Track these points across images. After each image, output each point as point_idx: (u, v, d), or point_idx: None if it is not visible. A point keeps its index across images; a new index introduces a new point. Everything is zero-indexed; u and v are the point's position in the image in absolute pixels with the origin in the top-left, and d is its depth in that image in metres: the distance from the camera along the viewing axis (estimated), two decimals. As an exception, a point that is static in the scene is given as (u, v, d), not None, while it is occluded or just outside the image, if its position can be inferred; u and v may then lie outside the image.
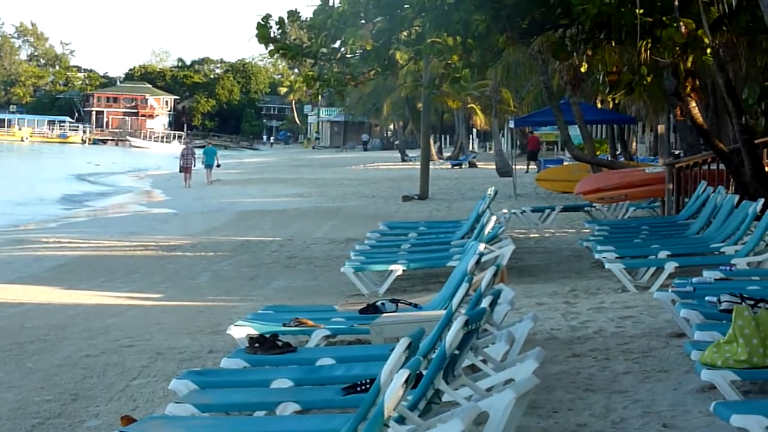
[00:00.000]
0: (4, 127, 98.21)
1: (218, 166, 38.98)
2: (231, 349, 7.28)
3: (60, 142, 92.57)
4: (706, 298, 7.58)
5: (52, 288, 13.49)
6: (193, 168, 37.21)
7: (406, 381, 3.91)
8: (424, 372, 4.71)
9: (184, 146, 41.26)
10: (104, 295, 12.76)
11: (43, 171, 50.13)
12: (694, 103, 15.08)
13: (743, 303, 6.83)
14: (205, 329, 9.49)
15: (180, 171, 37.29)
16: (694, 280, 8.91)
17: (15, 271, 15.22)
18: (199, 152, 40.35)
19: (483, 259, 9.24)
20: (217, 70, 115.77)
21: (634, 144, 37.47)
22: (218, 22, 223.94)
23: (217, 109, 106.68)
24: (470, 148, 58.45)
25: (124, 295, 12.80)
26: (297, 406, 5.34)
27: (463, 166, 47.75)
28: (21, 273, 14.99)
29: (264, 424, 5.37)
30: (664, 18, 12.22)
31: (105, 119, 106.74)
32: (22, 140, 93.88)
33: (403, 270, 11.62)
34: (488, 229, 11.74)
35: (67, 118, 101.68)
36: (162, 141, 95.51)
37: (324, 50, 13.23)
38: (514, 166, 31.05)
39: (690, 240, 12.93)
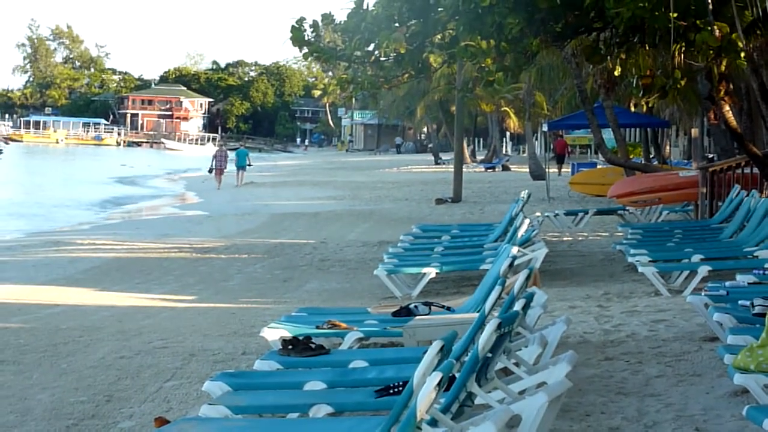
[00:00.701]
0: (39, 129, 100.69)
1: (249, 165, 39.06)
2: (264, 351, 7.35)
3: (95, 144, 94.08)
4: (740, 301, 7.58)
5: (86, 289, 13.55)
6: (224, 170, 37.39)
7: (439, 384, 3.90)
8: (457, 375, 4.68)
9: (218, 148, 41.29)
10: (138, 296, 12.85)
11: (78, 173, 50.66)
12: (727, 107, 15.02)
13: None
14: (239, 331, 9.47)
15: (209, 172, 37.50)
16: (728, 283, 8.88)
17: (50, 272, 15.32)
18: (232, 155, 40.75)
19: (516, 263, 9.12)
20: (252, 73, 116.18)
21: (668, 147, 37.34)
22: (253, 25, 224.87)
23: (251, 112, 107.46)
24: (503, 152, 58.23)
25: (158, 297, 12.85)
26: (330, 408, 5.32)
27: (497, 169, 47.68)
28: (56, 275, 15.06)
29: (297, 426, 5.37)
30: (697, 21, 12.15)
31: (140, 121, 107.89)
32: (57, 142, 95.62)
33: (437, 273, 11.55)
34: (521, 232, 11.69)
35: (102, 121, 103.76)
36: (196, 143, 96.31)
37: (358, 53, 13.20)
38: (547, 169, 30.86)
39: (723, 244, 12.86)
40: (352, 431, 4.95)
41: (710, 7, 11.36)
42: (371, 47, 12.80)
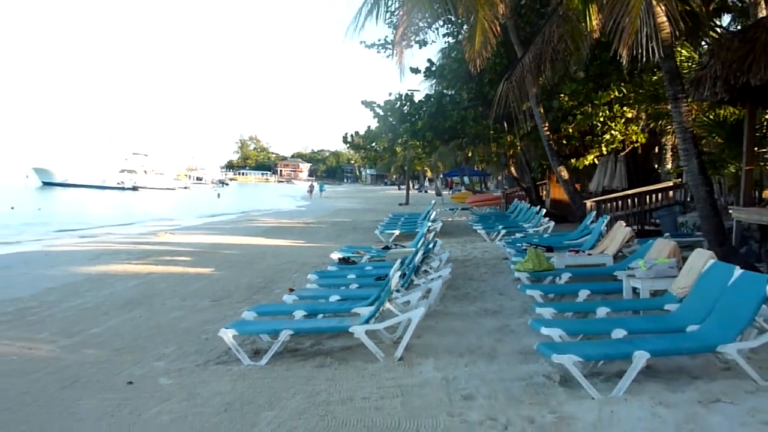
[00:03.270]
0: (243, 174, 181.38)
1: (324, 190, 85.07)
2: (331, 261, 14.36)
3: (265, 181, 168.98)
4: (517, 243, 15.38)
5: (262, 238, 24.36)
6: (313, 191, 78.02)
7: (400, 276, 8.15)
8: (407, 272, 9.93)
9: (310, 183, 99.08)
10: (281, 241, 23.18)
11: (260, 193, 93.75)
12: (513, 168, 32.28)
13: (530, 246, 13.55)
14: (322, 255, 16.97)
15: (307, 192, 79.28)
16: (511, 238, 17.74)
17: (249, 231, 27.76)
18: (316, 185, 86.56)
19: (429, 228, 18.53)
20: (326, 153, 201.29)
21: (489, 183, 71.37)
22: (330, 127, 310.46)
23: (326, 168, 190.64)
24: (425, 184, 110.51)
25: (290, 242, 23.05)
26: (356, 284, 10.70)
27: (423, 192, 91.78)
28: (251, 232, 27.27)
29: (344, 293, 9.70)
30: (500, 133, 24.79)
31: (283, 171, 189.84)
32: (250, 180, 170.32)
33: (399, 232, 22.12)
34: (432, 215, 23.96)
35: (268, 172, 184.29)
36: (306, 181, 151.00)
37: (367, 146, 29.68)
38: (442, 192, 73.86)
39: (511, 220, 24.25)
40: (369, 293, 9.13)
41: (506, 126, 20.92)
42: (373, 144, 22.68)
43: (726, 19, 19.48)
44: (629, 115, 23.20)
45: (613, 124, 22.93)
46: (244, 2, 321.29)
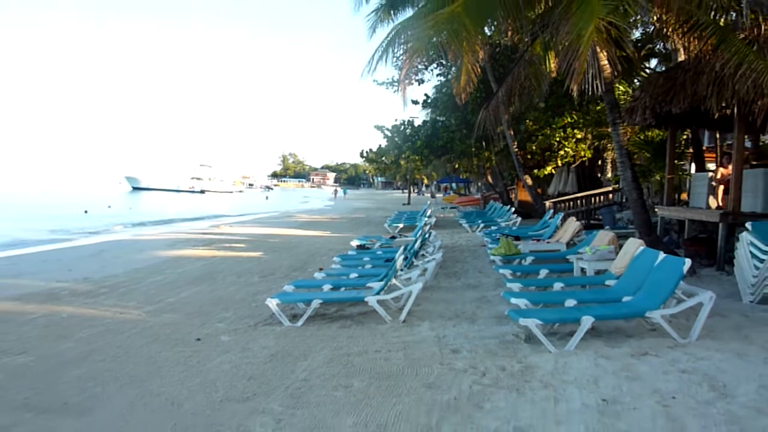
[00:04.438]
0: (284, 181, 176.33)
1: (346, 192, 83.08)
2: (351, 249, 14.39)
3: (301, 187, 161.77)
4: (492, 234, 15.26)
5: (298, 230, 24.00)
6: (337, 194, 78.67)
7: (404, 259, 8.39)
8: (408, 255, 10.42)
9: (335, 188, 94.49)
10: (311, 233, 22.39)
11: (297, 196, 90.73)
12: (489, 176, 27.74)
13: (502, 236, 13.79)
14: (344, 243, 16.79)
15: (333, 194, 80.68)
16: (488, 230, 17.60)
17: (288, 224, 27.49)
18: (339, 190, 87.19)
19: (426, 222, 17.72)
20: (347, 165, 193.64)
21: (471, 188, 63.59)
22: (346, 144, 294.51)
23: (347, 176, 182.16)
24: (423, 189, 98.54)
25: (319, 233, 22.50)
26: (370, 264, 10.74)
27: (420, 195, 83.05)
28: (290, 225, 26.96)
29: (352, 272, 9.88)
30: (480, 150, 24.05)
31: (314, 179, 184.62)
32: (290, 186, 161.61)
33: (403, 225, 21.45)
34: (428, 213, 22.93)
35: (303, 180, 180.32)
36: (331, 186, 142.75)
37: (378, 159, 26.53)
38: (435, 195, 67.04)
39: (488, 217, 23.42)
40: (378, 271, 9.46)
41: (484, 145, 20.79)
42: (383, 158, 22.45)
43: (653, 62, 19.55)
44: (579, 136, 23.25)
45: (567, 143, 23.01)
46: (286, 54, 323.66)
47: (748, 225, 8.64)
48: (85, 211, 36.30)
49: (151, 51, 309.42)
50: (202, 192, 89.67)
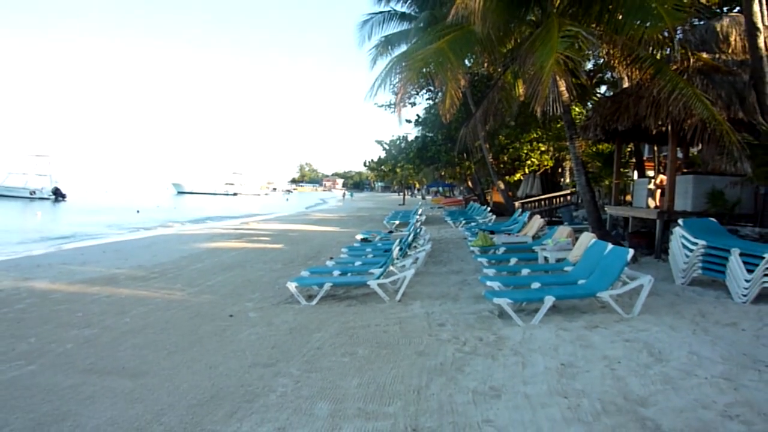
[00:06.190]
0: (301, 186, 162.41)
1: (353, 195, 79.86)
2: (356, 241, 14.37)
3: (314, 191, 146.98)
4: (472, 229, 15.11)
5: (313, 226, 23.26)
6: (345, 196, 77.14)
7: (399, 249, 8.14)
8: (403, 247, 9.84)
9: (343, 191, 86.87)
10: (325, 228, 22.21)
11: (312, 198, 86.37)
12: (469, 181, 27.32)
13: (480, 230, 13.12)
14: (351, 236, 16.59)
15: (341, 197, 79.65)
16: (468, 226, 17.19)
17: (305, 221, 26.61)
18: (347, 193, 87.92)
19: (417, 219, 18.06)
20: (353, 172, 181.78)
21: (455, 191, 60.30)
22: (352, 154, 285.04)
23: (353, 182, 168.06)
24: (416, 192, 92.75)
25: (330, 228, 21.93)
26: (372, 254, 10.42)
27: (413, 197, 77.71)
28: (306, 221, 26.27)
29: (356, 260, 9.60)
30: (462, 160, 23.49)
31: (326, 184, 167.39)
32: (306, 190, 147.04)
33: (399, 221, 20.36)
34: (419, 211, 21.79)
35: (317, 184, 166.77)
36: (340, 190, 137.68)
37: (378, 168, 26.73)
38: (425, 197, 67.43)
39: (468, 215, 22.33)
40: (378, 261, 9.11)
41: (465, 156, 20.66)
42: (382, 166, 22.44)
43: (603, 88, 19.53)
44: (543, 148, 23.22)
45: (533, 154, 23.04)
46: (303, 75, 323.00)
47: (680, 221, 8.65)
48: (138, 211, 36.11)
49: (188, 76, 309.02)
50: (235, 195, 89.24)
